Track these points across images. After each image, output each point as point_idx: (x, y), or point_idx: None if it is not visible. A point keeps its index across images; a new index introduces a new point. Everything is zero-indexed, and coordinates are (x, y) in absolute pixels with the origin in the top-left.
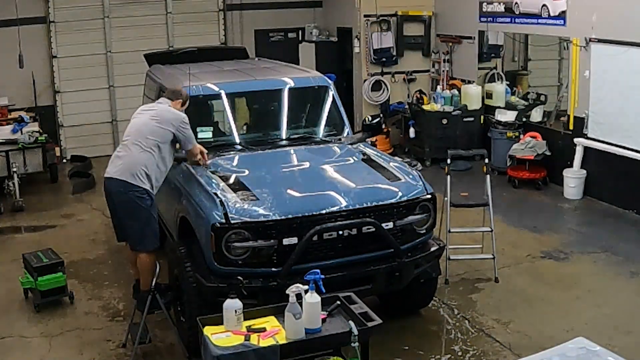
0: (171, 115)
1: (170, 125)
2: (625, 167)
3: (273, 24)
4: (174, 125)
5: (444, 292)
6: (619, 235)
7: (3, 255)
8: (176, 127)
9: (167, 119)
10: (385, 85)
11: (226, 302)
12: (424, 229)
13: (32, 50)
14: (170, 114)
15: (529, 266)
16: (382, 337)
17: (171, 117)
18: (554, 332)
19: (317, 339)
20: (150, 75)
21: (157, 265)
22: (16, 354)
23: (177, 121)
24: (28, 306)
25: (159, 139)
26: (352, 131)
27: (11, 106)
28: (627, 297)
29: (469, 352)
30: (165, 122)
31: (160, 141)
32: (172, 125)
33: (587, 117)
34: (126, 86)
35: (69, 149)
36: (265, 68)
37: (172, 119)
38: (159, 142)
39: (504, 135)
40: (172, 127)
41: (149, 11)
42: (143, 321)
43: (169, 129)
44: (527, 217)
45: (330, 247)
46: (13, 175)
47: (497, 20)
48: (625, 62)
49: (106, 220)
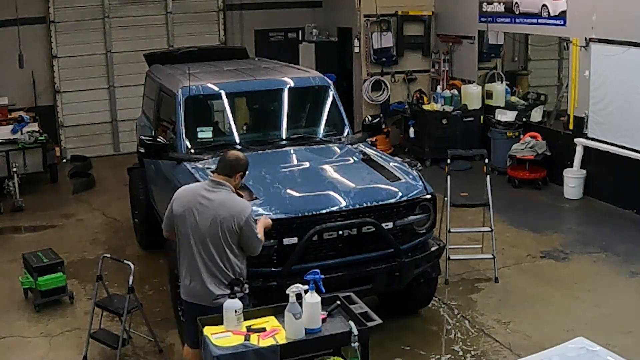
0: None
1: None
2: (625, 167)
3: (273, 24)
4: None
5: (444, 292)
6: (619, 235)
7: (3, 255)
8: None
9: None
10: (385, 85)
11: (226, 302)
12: (424, 229)
13: (32, 50)
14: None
15: (529, 266)
16: (382, 337)
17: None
18: (554, 332)
19: (317, 339)
20: (150, 75)
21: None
22: (16, 354)
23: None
24: (28, 306)
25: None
26: (352, 131)
27: (11, 106)
28: (627, 297)
29: (469, 352)
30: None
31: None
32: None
33: (587, 117)
34: (126, 86)
35: (69, 149)
36: (265, 68)
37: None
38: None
39: (504, 135)
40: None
41: (149, 11)
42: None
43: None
44: (527, 217)
45: (331, 247)
46: (13, 175)
47: (497, 20)
48: (625, 62)
49: (106, 220)
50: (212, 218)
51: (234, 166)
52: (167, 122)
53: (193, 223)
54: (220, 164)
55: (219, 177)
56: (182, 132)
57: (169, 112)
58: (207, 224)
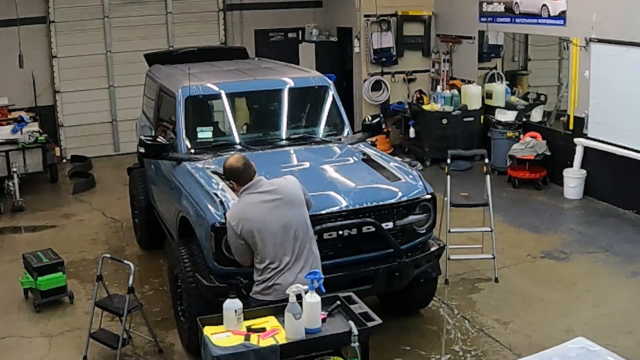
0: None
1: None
2: (625, 167)
3: (273, 24)
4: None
5: (444, 292)
6: (619, 235)
7: (3, 255)
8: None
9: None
10: (385, 85)
11: (226, 302)
12: (424, 229)
13: (32, 50)
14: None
15: (529, 266)
16: (382, 337)
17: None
18: (554, 332)
19: (317, 339)
20: (150, 75)
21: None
22: (16, 354)
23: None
24: (28, 306)
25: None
26: (352, 131)
27: (11, 106)
28: (627, 297)
29: (469, 352)
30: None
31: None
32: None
33: (587, 117)
34: (126, 86)
35: (69, 149)
36: (265, 68)
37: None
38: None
39: (504, 135)
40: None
41: (149, 11)
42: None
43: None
44: (527, 217)
45: (331, 247)
46: (13, 175)
47: (497, 20)
48: (625, 62)
49: (106, 220)
50: (292, 209)
51: (241, 171)
52: (167, 122)
53: (284, 227)
54: (239, 179)
55: (239, 187)
56: (182, 132)
57: (169, 112)
58: (291, 217)
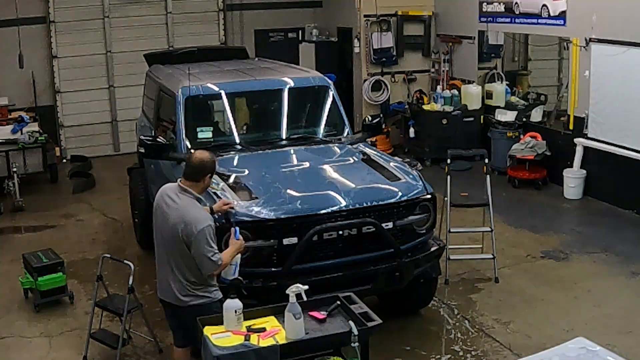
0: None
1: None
2: (625, 167)
3: (273, 24)
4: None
5: (444, 292)
6: (619, 235)
7: (3, 255)
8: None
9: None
10: (385, 85)
11: (226, 302)
12: (424, 229)
13: (32, 50)
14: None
15: (529, 266)
16: (382, 337)
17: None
18: (554, 332)
19: (317, 339)
20: (150, 75)
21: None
22: (16, 354)
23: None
24: (28, 306)
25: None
26: (352, 131)
27: (11, 106)
28: (627, 297)
29: (469, 352)
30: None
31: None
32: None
33: (587, 117)
34: (126, 86)
35: (69, 149)
36: (265, 68)
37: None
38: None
39: (504, 135)
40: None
41: (149, 11)
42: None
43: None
44: (527, 217)
45: (330, 247)
46: (13, 175)
47: (497, 20)
48: (625, 62)
49: (106, 220)
50: (172, 222)
51: (199, 170)
52: (167, 122)
53: (158, 223)
54: (186, 169)
55: (186, 182)
56: (182, 132)
57: (169, 112)
58: (168, 227)
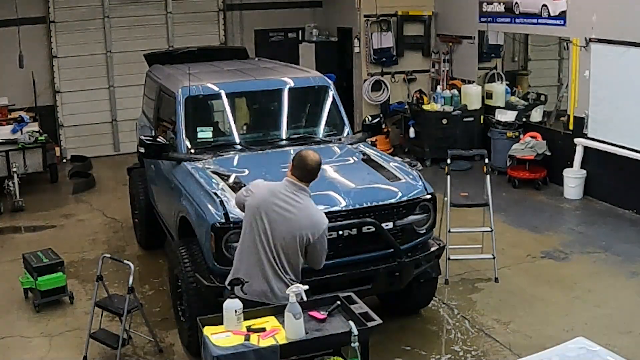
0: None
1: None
2: (625, 167)
3: (273, 24)
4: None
5: (444, 292)
6: (618, 235)
7: (3, 255)
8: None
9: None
10: (385, 85)
11: (226, 302)
12: (424, 229)
13: (32, 50)
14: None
15: (529, 266)
16: (382, 337)
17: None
18: (554, 332)
19: (317, 339)
20: (150, 75)
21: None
22: (16, 354)
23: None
24: (28, 306)
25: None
26: (352, 131)
27: (11, 106)
28: (627, 297)
29: (469, 352)
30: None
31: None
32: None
33: (587, 117)
34: (126, 86)
35: (69, 149)
36: (265, 68)
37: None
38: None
39: (504, 135)
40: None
41: (149, 11)
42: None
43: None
44: (527, 217)
45: (330, 247)
46: (13, 175)
47: (497, 20)
48: (625, 62)
49: (106, 220)
50: (298, 223)
51: (317, 172)
52: (167, 122)
53: (263, 229)
54: (301, 171)
55: (300, 182)
56: (182, 132)
57: (169, 112)
58: (282, 235)
